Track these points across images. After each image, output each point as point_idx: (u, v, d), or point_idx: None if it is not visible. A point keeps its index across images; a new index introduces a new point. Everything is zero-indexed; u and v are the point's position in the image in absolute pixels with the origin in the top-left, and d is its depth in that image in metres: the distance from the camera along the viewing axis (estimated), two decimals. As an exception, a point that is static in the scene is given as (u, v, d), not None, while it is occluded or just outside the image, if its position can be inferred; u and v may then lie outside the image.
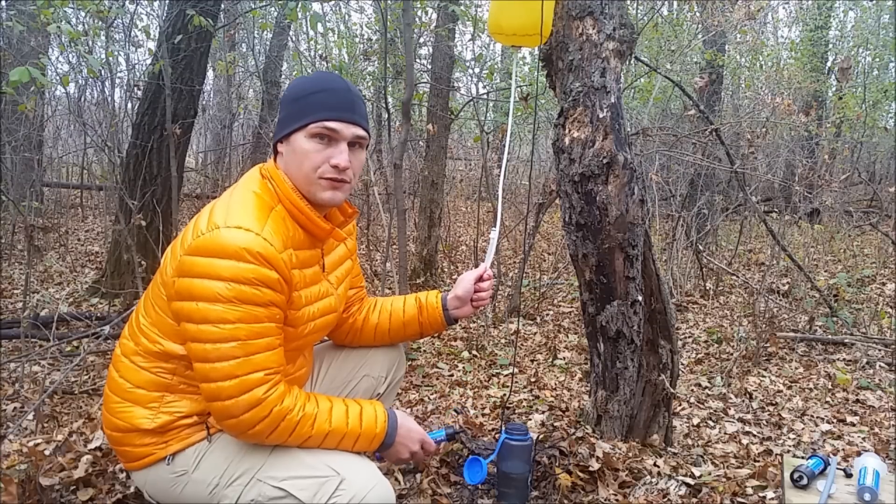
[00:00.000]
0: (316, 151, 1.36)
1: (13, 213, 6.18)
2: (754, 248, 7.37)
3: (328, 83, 1.39)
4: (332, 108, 1.36)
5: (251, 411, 1.25)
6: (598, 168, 2.07)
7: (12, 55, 5.85)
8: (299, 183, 1.38)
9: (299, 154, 1.36)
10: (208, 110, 11.04)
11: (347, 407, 1.37)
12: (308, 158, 1.36)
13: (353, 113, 1.38)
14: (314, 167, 1.36)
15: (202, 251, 1.25)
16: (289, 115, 1.39)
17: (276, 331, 1.31)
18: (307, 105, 1.36)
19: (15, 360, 3.33)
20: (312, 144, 1.36)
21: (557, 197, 2.31)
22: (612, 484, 1.96)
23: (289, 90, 1.42)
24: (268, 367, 1.27)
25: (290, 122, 1.38)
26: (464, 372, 3.58)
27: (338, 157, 1.36)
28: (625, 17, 2.15)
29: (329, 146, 1.37)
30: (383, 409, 1.42)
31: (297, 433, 1.30)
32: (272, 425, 1.27)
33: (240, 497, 1.31)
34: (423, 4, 6.09)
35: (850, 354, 3.88)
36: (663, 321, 2.29)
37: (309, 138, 1.36)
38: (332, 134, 1.36)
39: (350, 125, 1.38)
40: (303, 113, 1.36)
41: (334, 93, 1.38)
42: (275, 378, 1.28)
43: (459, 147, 11.88)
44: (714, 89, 7.72)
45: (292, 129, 1.37)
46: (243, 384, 1.24)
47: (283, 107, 1.41)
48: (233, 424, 1.28)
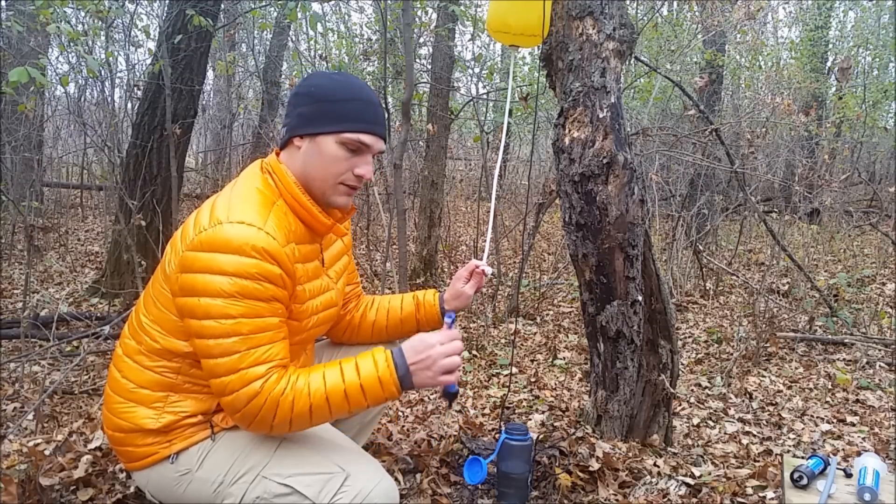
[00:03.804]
0: (344, 159, 1.37)
1: (13, 213, 6.18)
2: (754, 248, 7.37)
3: (363, 93, 1.40)
4: (368, 121, 1.38)
5: (251, 402, 1.24)
6: (598, 168, 2.07)
7: (12, 55, 5.85)
8: (315, 183, 1.39)
9: (326, 157, 1.37)
10: (208, 110, 11.04)
11: (340, 363, 1.31)
12: (335, 164, 1.37)
13: (382, 127, 1.41)
14: (338, 173, 1.38)
15: (204, 246, 1.25)
16: (319, 115, 1.36)
17: (279, 325, 1.30)
18: (344, 112, 1.36)
19: (15, 360, 3.33)
20: (342, 152, 1.37)
21: (557, 197, 2.31)
22: (612, 484, 1.96)
23: (318, 88, 1.38)
24: (270, 360, 1.26)
25: (321, 123, 1.36)
26: (464, 372, 3.58)
27: (364, 169, 1.39)
28: (625, 17, 2.15)
29: (355, 156, 1.38)
30: (381, 349, 1.35)
31: (297, 408, 1.25)
32: (272, 409, 1.24)
33: (245, 494, 1.31)
34: (423, 4, 6.10)
35: (850, 354, 3.88)
36: (663, 321, 2.29)
37: (339, 145, 1.36)
38: (363, 147, 1.38)
39: (379, 139, 1.40)
40: (337, 118, 1.36)
41: (370, 105, 1.39)
42: (278, 372, 1.28)
43: (459, 147, 11.88)
44: (714, 89, 7.71)
45: (323, 131, 1.36)
46: (244, 378, 1.24)
47: (308, 102, 1.38)
48: (239, 417, 1.28)
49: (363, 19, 11.39)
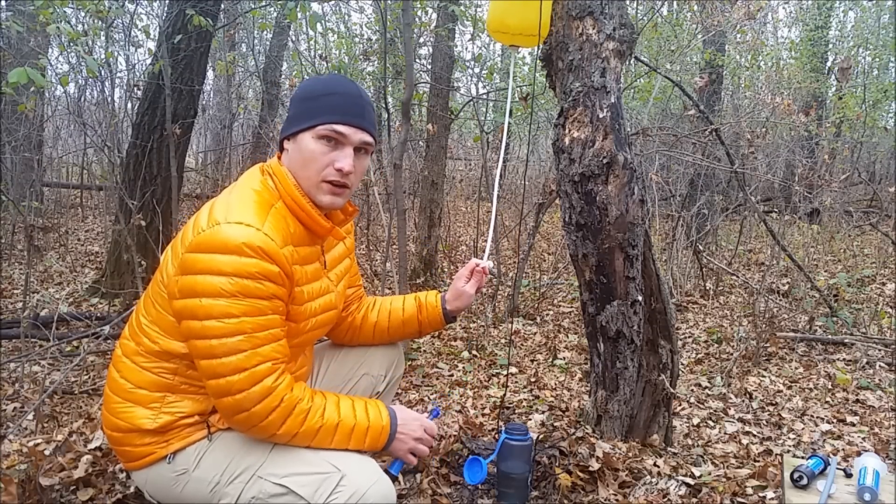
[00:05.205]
0: (322, 153, 1.36)
1: (13, 213, 6.18)
2: (754, 248, 7.37)
3: (341, 86, 1.40)
4: (342, 111, 1.37)
5: (262, 402, 1.26)
6: (598, 168, 2.07)
7: (12, 55, 5.85)
8: (301, 182, 1.39)
9: (305, 154, 1.37)
10: (208, 110, 11.04)
11: (353, 401, 1.38)
12: (313, 159, 1.37)
13: (362, 118, 1.39)
14: (318, 169, 1.37)
15: (203, 247, 1.25)
16: (298, 114, 1.39)
17: (280, 322, 1.32)
18: (318, 106, 1.37)
19: (15, 360, 3.32)
20: (319, 146, 1.36)
21: (557, 197, 2.31)
22: (612, 484, 1.96)
23: (300, 89, 1.42)
24: (274, 357, 1.28)
25: (299, 121, 1.38)
26: (464, 372, 3.58)
27: (342, 161, 1.37)
28: (625, 17, 2.15)
29: (335, 149, 1.37)
30: (382, 403, 1.43)
31: (307, 424, 1.29)
32: (284, 415, 1.27)
33: (241, 494, 1.31)
34: (423, 4, 6.10)
35: (850, 354, 3.88)
36: (663, 321, 2.29)
37: (316, 139, 1.36)
38: (340, 137, 1.37)
39: (358, 130, 1.39)
40: (313, 114, 1.37)
41: (346, 97, 1.38)
42: (281, 367, 1.29)
43: (459, 147, 11.88)
44: (714, 89, 7.72)
45: (300, 129, 1.38)
46: (253, 376, 1.25)
47: (293, 105, 1.41)
48: (244, 419, 1.28)
49: (363, 19, 11.39)
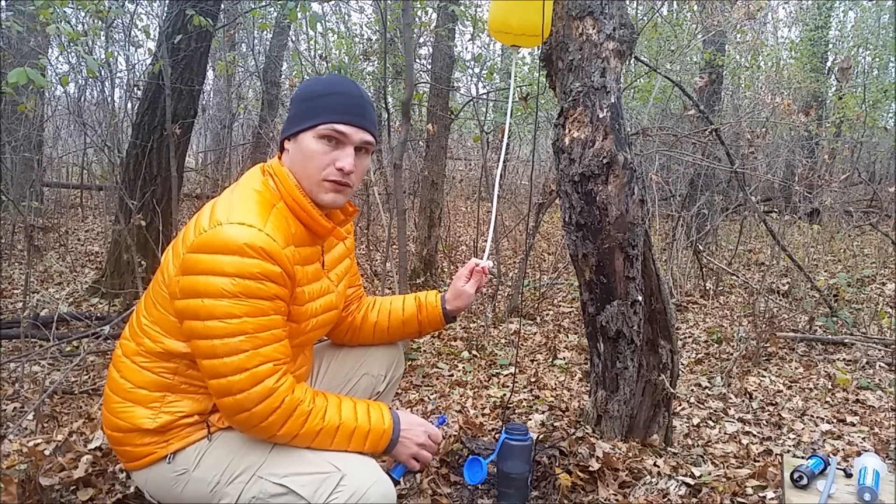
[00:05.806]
0: (323, 153, 1.37)
1: (13, 213, 6.18)
2: (754, 248, 7.37)
3: (341, 86, 1.40)
4: (342, 111, 1.37)
5: (264, 402, 1.26)
6: (598, 168, 2.07)
7: (12, 55, 5.85)
8: (303, 182, 1.39)
9: (306, 153, 1.37)
10: (208, 110, 11.04)
11: (355, 403, 1.38)
12: (314, 159, 1.37)
13: (363, 118, 1.39)
14: (319, 168, 1.37)
15: (205, 248, 1.25)
16: (299, 114, 1.39)
17: (282, 323, 1.32)
18: (318, 106, 1.37)
19: (15, 360, 3.32)
20: (320, 146, 1.37)
21: (557, 197, 2.31)
22: (612, 484, 1.96)
23: (301, 89, 1.43)
24: (276, 358, 1.28)
25: (299, 121, 1.39)
26: (464, 372, 3.58)
27: (343, 160, 1.37)
28: (625, 17, 2.15)
29: (336, 149, 1.38)
30: (385, 406, 1.43)
31: (308, 426, 1.30)
32: (284, 416, 1.27)
33: (241, 494, 1.31)
34: (423, 4, 6.10)
35: (850, 354, 3.88)
36: (663, 321, 2.29)
37: (317, 139, 1.37)
38: (341, 137, 1.37)
39: (359, 130, 1.39)
40: (313, 113, 1.37)
41: (346, 96, 1.39)
42: (283, 368, 1.30)
43: (459, 147, 11.87)
44: (714, 89, 7.71)
45: (301, 128, 1.38)
46: (254, 376, 1.25)
47: (293, 105, 1.42)
48: (244, 419, 1.28)
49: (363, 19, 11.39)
